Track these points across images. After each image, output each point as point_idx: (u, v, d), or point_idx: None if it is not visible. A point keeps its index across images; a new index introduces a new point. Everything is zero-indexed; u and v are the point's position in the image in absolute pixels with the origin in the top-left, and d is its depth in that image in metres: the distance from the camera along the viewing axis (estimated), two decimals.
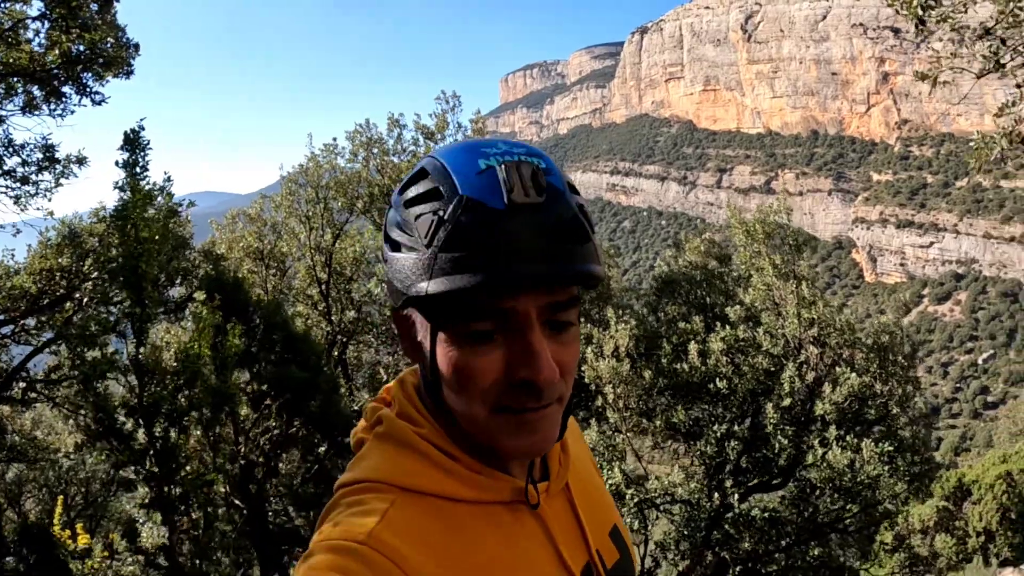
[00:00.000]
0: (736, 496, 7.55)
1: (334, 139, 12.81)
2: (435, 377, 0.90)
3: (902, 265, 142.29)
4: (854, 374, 9.24)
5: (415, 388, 0.99)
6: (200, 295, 8.50)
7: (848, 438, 8.40)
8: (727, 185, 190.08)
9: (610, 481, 7.04)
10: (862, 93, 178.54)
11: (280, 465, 9.25)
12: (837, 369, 9.50)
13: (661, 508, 7.35)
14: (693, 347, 8.53)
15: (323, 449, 8.96)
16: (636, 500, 7.00)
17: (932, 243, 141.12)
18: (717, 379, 8.43)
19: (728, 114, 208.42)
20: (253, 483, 8.53)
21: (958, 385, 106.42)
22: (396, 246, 0.89)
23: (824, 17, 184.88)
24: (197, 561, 7.42)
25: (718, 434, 8.14)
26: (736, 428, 8.35)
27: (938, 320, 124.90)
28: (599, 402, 7.91)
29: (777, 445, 8.31)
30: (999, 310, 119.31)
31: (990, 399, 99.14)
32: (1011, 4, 4.70)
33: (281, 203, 12.50)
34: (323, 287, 12.03)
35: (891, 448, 8.74)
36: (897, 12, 4.59)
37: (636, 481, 7.21)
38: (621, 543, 1.11)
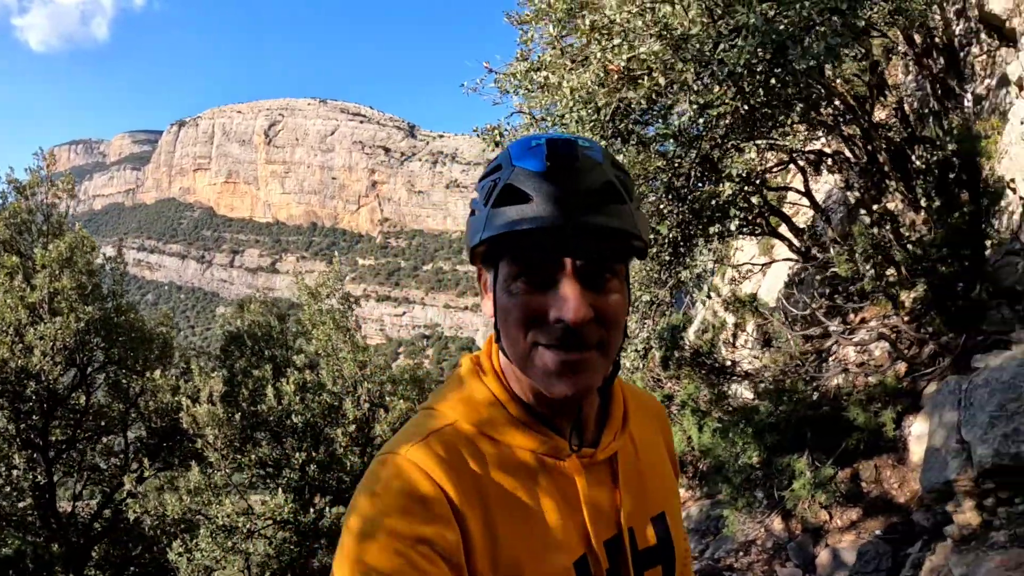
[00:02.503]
0: (327, 509, 7.53)
1: None
2: (495, 320, 0.88)
3: (382, 330, 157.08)
4: (401, 400, 10.17)
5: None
6: None
7: None
8: (239, 265, 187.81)
9: (221, 513, 6.36)
10: (355, 196, 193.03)
11: None
12: (387, 398, 10.31)
13: (262, 533, 6.85)
14: (269, 390, 8.35)
15: None
16: (247, 528, 6.44)
17: (405, 312, 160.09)
18: (293, 415, 8.45)
19: (244, 204, 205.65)
20: None
21: None
22: (471, 212, 0.88)
23: (332, 133, 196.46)
24: None
25: (300, 461, 8.06)
26: (314, 454, 8.36)
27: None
28: (199, 444, 7.13)
29: (348, 464, 8.59)
30: (459, 360, 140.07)
31: None
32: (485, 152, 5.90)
33: None
34: None
35: None
36: (481, 138, 5.39)
37: (244, 512, 6.64)
38: (664, 532, 0.98)
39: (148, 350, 9.88)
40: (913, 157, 5.93)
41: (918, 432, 4.90)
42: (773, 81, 3.93)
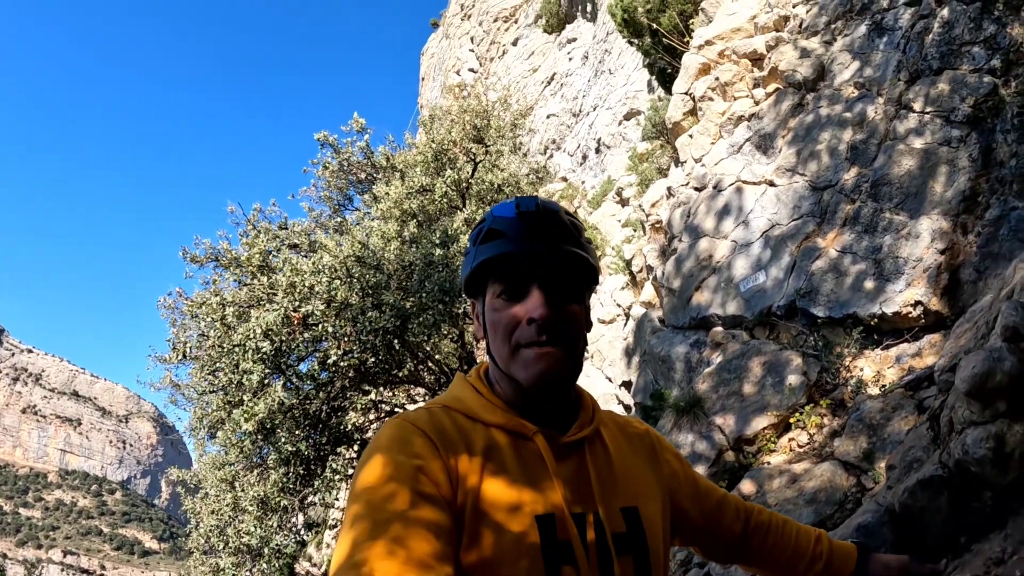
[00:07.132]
0: None
1: None
2: (485, 337, 1.07)
3: None
4: None
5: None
6: None
7: None
8: None
9: None
10: None
11: None
12: None
13: None
14: None
15: None
16: None
17: None
18: None
19: None
20: None
21: None
22: (466, 254, 1.08)
23: None
24: None
25: None
26: None
27: None
28: None
29: None
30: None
31: None
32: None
33: None
34: None
35: None
36: (172, 349, 6.34)
37: None
38: (635, 523, 1.03)
39: None
40: None
41: None
42: (396, 343, 6.09)
